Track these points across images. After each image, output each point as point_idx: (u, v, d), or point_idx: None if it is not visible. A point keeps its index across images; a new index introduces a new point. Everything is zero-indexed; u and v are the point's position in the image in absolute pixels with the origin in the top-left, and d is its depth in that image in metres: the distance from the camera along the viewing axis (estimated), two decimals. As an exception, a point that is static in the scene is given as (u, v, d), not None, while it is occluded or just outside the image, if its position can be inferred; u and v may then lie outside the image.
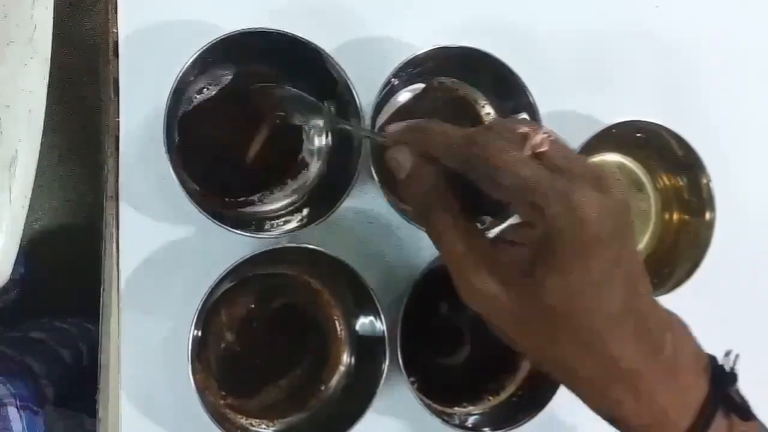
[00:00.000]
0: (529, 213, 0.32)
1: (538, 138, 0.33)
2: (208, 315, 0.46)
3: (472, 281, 0.33)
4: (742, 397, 0.34)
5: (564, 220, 0.30)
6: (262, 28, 0.44)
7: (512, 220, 0.42)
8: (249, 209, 0.49)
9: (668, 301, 0.50)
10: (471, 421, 0.50)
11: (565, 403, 0.49)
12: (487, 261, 0.33)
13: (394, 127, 0.39)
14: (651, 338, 0.33)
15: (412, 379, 0.46)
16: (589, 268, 0.31)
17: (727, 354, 0.35)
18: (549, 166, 0.32)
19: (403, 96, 0.52)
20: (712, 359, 0.35)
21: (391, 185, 0.49)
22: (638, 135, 0.53)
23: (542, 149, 0.32)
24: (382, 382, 0.46)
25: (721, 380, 0.34)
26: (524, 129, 0.33)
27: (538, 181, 0.31)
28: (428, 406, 0.47)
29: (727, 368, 0.34)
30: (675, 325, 0.34)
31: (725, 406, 0.33)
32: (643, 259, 0.35)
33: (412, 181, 0.37)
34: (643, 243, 0.56)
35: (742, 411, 0.33)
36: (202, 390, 0.43)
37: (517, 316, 0.33)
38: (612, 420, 0.34)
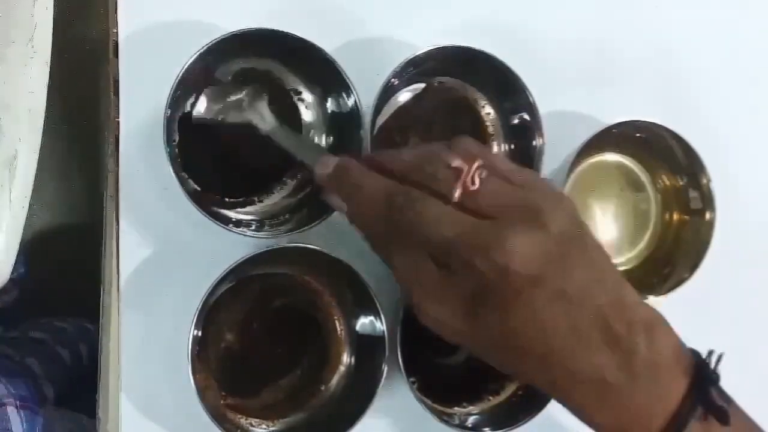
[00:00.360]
0: (458, 266, 0.33)
1: (472, 171, 0.33)
2: (208, 315, 0.46)
3: (426, 310, 0.35)
4: (727, 399, 0.34)
5: (489, 273, 0.31)
6: (262, 28, 0.44)
7: None
8: (249, 209, 0.49)
9: (668, 301, 0.50)
10: (471, 421, 0.50)
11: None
12: (436, 292, 0.34)
13: (319, 169, 0.39)
14: (619, 344, 0.32)
15: (412, 379, 0.46)
16: (525, 308, 0.32)
17: (710, 354, 0.34)
18: (479, 206, 0.32)
19: (403, 96, 0.52)
20: (696, 356, 0.34)
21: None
22: (638, 135, 0.53)
23: (473, 188, 0.33)
24: (382, 382, 0.46)
25: (701, 381, 0.33)
26: (456, 162, 0.33)
27: (460, 239, 0.32)
28: (428, 406, 0.47)
29: (711, 367, 0.34)
30: (651, 324, 0.34)
31: (705, 409, 0.33)
32: (610, 266, 0.35)
33: (354, 221, 0.37)
34: (643, 243, 0.56)
35: (722, 414, 0.32)
36: (202, 390, 0.43)
37: (473, 341, 0.34)
38: (589, 425, 0.34)
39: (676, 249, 0.54)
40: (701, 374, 0.33)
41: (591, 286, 0.33)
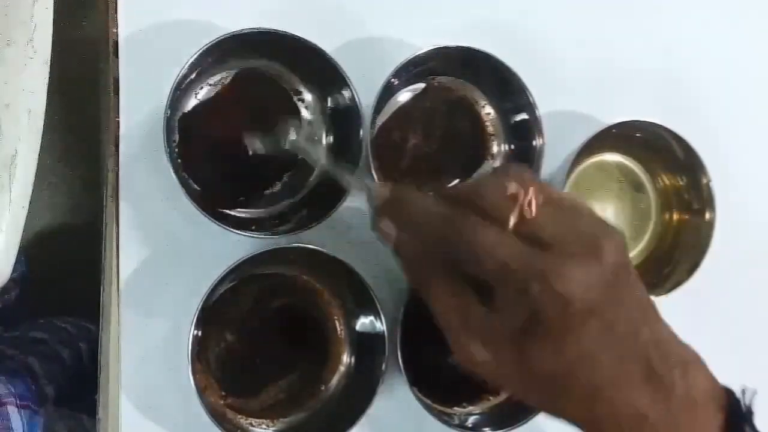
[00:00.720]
0: (512, 294, 0.32)
1: (528, 197, 0.32)
2: (208, 315, 0.46)
3: (467, 349, 0.34)
4: None
5: (545, 301, 0.31)
6: (262, 28, 0.44)
7: None
8: (249, 209, 0.49)
9: (668, 301, 0.50)
10: (471, 421, 0.50)
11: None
12: (480, 331, 0.34)
13: (378, 191, 0.38)
14: (659, 382, 0.32)
15: (412, 379, 0.46)
16: (576, 341, 0.31)
17: (744, 391, 0.34)
18: (534, 237, 0.32)
19: (403, 96, 0.52)
20: (729, 393, 0.34)
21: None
22: (638, 135, 0.53)
23: (530, 216, 0.32)
24: (382, 382, 0.46)
25: (735, 418, 0.33)
26: (512, 188, 0.33)
27: (517, 264, 0.31)
28: (428, 406, 0.47)
29: (743, 405, 0.34)
30: (687, 361, 0.34)
31: None
32: (650, 302, 0.35)
33: (400, 251, 0.37)
34: (643, 243, 0.56)
35: None
36: (202, 390, 0.44)
37: (512, 381, 0.34)
38: None
39: (676, 249, 0.54)
40: (735, 411, 0.33)
41: (636, 319, 0.33)
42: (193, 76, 0.46)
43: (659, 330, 0.34)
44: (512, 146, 0.53)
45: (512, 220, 0.32)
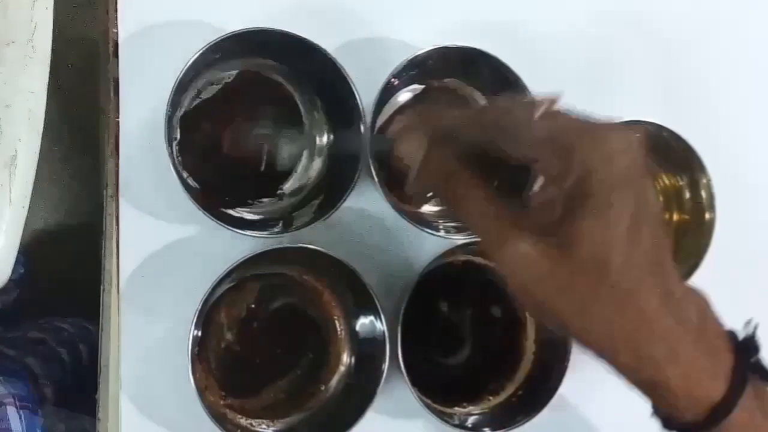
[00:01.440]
0: (557, 163, 0.32)
1: (547, 102, 0.33)
2: (208, 315, 0.46)
3: (508, 246, 0.32)
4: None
5: (595, 158, 0.31)
6: (262, 27, 0.44)
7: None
8: (249, 209, 0.49)
9: (668, 301, 0.50)
10: (471, 421, 0.50)
11: (564, 403, 0.49)
12: (520, 223, 0.33)
13: (399, 120, 0.39)
14: (678, 303, 0.32)
15: (412, 379, 0.46)
16: (622, 209, 0.31)
17: (747, 323, 0.34)
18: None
19: (403, 96, 0.52)
20: (732, 333, 0.34)
21: (391, 185, 0.49)
22: (638, 135, 0.53)
23: (554, 108, 0.33)
24: (382, 382, 0.46)
25: (746, 349, 0.33)
26: (531, 98, 0.33)
27: (563, 126, 0.32)
28: (428, 406, 0.47)
29: (753, 342, 0.34)
30: (698, 296, 0.34)
31: (754, 373, 0.33)
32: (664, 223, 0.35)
33: (430, 166, 0.36)
34: (643, 243, 0.56)
35: None
36: (202, 390, 0.44)
37: (552, 277, 0.32)
38: (651, 386, 0.33)
39: (676, 249, 0.54)
40: (746, 343, 0.34)
41: (660, 219, 0.33)
42: (193, 75, 0.46)
43: (671, 256, 0.33)
44: (512, 146, 0.53)
45: (540, 111, 0.33)
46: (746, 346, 0.33)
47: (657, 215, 0.32)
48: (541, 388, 0.49)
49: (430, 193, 0.40)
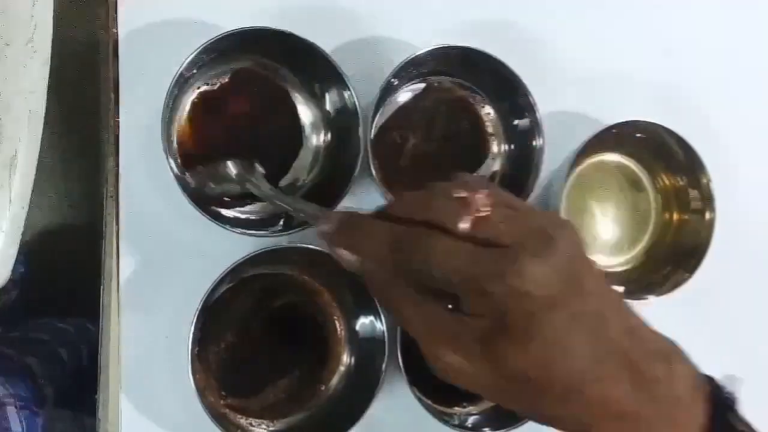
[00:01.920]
0: (474, 299, 0.32)
1: (479, 201, 0.33)
2: (208, 315, 0.46)
3: (440, 357, 0.34)
4: (745, 424, 0.33)
5: (506, 299, 0.31)
6: (260, 27, 0.44)
7: None
8: (249, 209, 0.49)
9: (668, 301, 0.50)
10: (471, 421, 0.50)
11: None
12: (451, 339, 0.34)
13: (323, 227, 0.38)
14: (640, 375, 0.32)
15: (412, 379, 0.46)
16: (543, 335, 0.31)
17: (730, 379, 0.34)
18: (488, 238, 0.32)
19: (403, 96, 0.52)
20: (712, 384, 0.34)
21: (390, 184, 0.49)
22: (638, 135, 0.53)
23: (482, 213, 0.32)
24: (382, 382, 0.46)
25: (720, 407, 0.33)
26: (461, 194, 0.33)
27: (473, 269, 0.31)
28: (428, 406, 0.47)
29: (728, 393, 0.34)
30: (668, 352, 0.34)
31: None
32: (617, 296, 0.34)
33: (364, 277, 0.37)
34: (643, 243, 0.56)
35: None
36: (202, 390, 0.43)
37: (488, 384, 0.33)
38: None
39: (676, 249, 0.54)
40: (720, 401, 0.33)
41: (604, 310, 0.33)
42: (192, 74, 0.46)
43: (632, 321, 0.33)
44: (512, 146, 0.53)
45: (462, 225, 0.32)
46: (721, 407, 0.33)
47: (597, 307, 0.32)
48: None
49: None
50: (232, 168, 0.46)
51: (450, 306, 0.34)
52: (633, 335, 0.33)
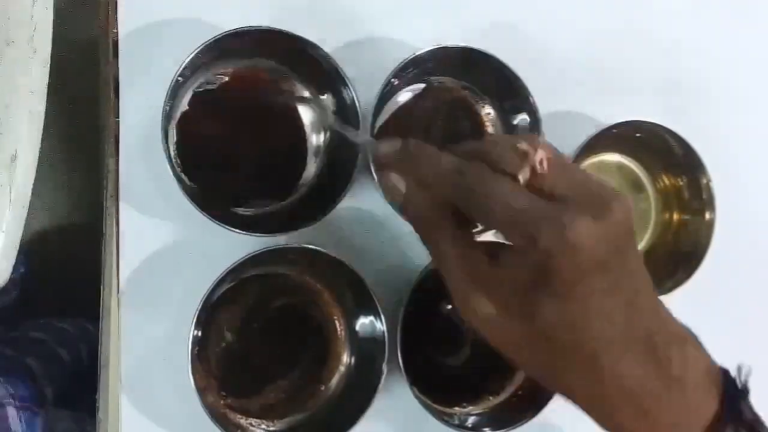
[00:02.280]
0: (521, 243, 0.32)
1: (538, 157, 0.32)
2: (208, 315, 0.46)
3: (471, 303, 0.33)
4: (754, 414, 0.33)
5: (557, 250, 0.30)
6: (260, 26, 0.44)
7: None
8: (249, 209, 0.49)
9: (668, 301, 0.50)
10: (471, 421, 0.50)
11: (565, 403, 0.49)
12: (486, 283, 0.33)
13: (385, 147, 0.38)
14: (657, 356, 0.32)
15: (412, 379, 0.46)
16: (586, 295, 0.31)
17: (740, 369, 0.34)
18: (546, 190, 0.32)
19: (403, 96, 0.52)
20: (725, 373, 0.34)
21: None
22: (638, 135, 0.53)
23: (541, 170, 0.32)
24: (382, 382, 0.46)
25: (731, 395, 0.33)
26: (523, 146, 0.33)
27: (529, 212, 0.31)
28: (428, 406, 0.47)
29: (739, 383, 0.34)
30: (685, 337, 0.34)
31: (735, 424, 0.32)
32: (648, 275, 0.34)
33: (409, 206, 0.36)
34: (643, 243, 0.56)
35: (753, 428, 0.32)
36: (202, 390, 0.43)
37: (514, 338, 0.33)
38: None
39: (676, 249, 0.54)
40: (731, 390, 0.33)
41: (639, 287, 0.33)
42: (191, 74, 0.46)
43: (658, 302, 0.34)
44: (512, 146, 0.52)
45: (523, 175, 0.32)
46: (731, 395, 0.33)
47: (635, 283, 0.32)
48: (541, 388, 0.49)
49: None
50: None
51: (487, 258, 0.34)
52: (658, 316, 0.33)
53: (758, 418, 0.33)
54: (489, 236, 0.40)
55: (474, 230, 0.37)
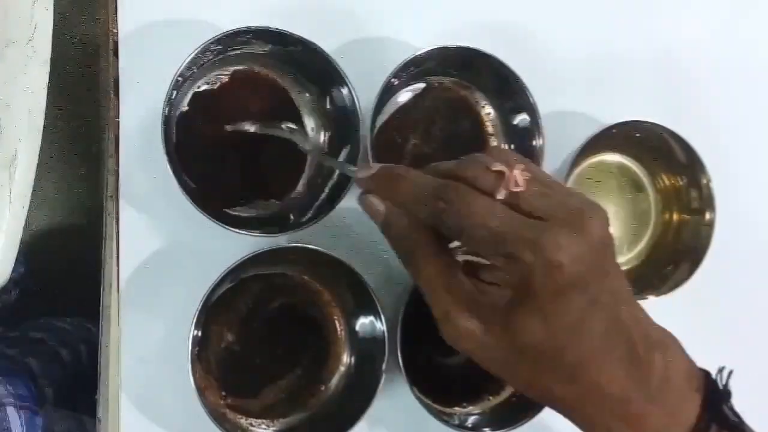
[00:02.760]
0: (502, 262, 0.32)
1: (514, 175, 0.33)
2: (208, 315, 0.46)
3: (454, 323, 0.34)
4: (737, 415, 0.34)
5: (536, 268, 0.31)
6: (260, 26, 0.44)
7: None
8: (249, 209, 0.49)
9: (668, 301, 0.50)
10: (471, 421, 0.50)
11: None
12: (468, 302, 0.34)
13: (363, 173, 0.38)
14: (639, 362, 0.33)
15: (412, 379, 0.46)
16: (565, 311, 0.32)
17: (721, 370, 0.35)
18: (524, 208, 0.32)
19: (403, 96, 0.52)
20: (707, 375, 0.35)
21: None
22: (638, 135, 0.53)
23: (517, 189, 0.33)
24: (382, 382, 0.46)
25: (713, 398, 0.34)
26: (498, 167, 0.33)
27: (509, 232, 0.32)
28: (428, 406, 0.47)
29: (720, 385, 0.34)
30: (666, 343, 0.34)
31: (718, 425, 0.33)
32: (628, 284, 0.35)
33: (389, 227, 0.37)
34: (643, 243, 0.56)
35: (736, 430, 0.33)
36: (202, 390, 0.43)
37: (498, 355, 0.34)
38: None
39: (676, 249, 0.54)
40: (714, 392, 0.34)
41: (618, 297, 0.33)
42: (192, 74, 0.46)
43: (638, 310, 0.34)
44: (512, 146, 0.53)
45: (500, 194, 0.33)
46: (713, 398, 0.34)
47: (615, 294, 0.33)
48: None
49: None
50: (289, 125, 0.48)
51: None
52: (638, 323, 0.34)
53: (741, 420, 0.34)
54: (468, 255, 0.40)
55: (454, 247, 0.38)
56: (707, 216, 0.52)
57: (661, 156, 0.54)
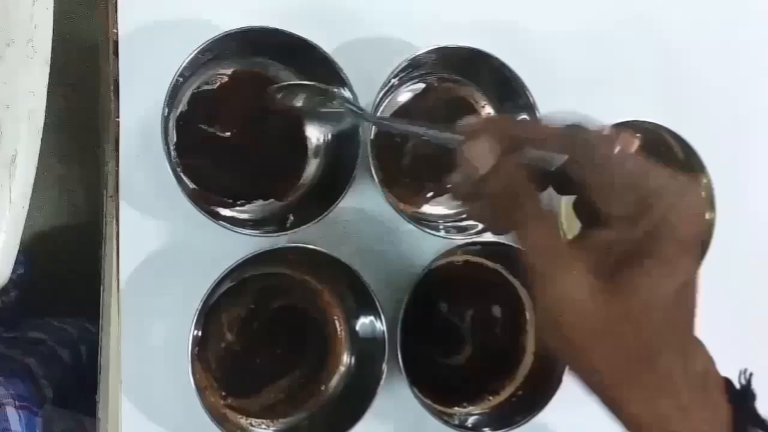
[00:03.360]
0: (629, 210, 0.31)
1: (624, 139, 0.32)
2: (208, 315, 0.46)
3: (561, 282, 0.31)
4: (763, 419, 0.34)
5: (674, 219, 0.30)
6: (260, 26, 0.44)
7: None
8: (248, 209, 0.49)
9: (668, 301, 0.50)
10: (471, 421, 0.50)
11: (564, 403, 0.49)
12: (577, 260, 0.31)
13: (469, 119, 0.36)
14: (692, 360, 0.32)
15: (412, 379, 0.46)
16: (682, 272, 0.30)
17: (743, 373, 0.34)
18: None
19: (403, 96, 0.52)
20: (727, 380, 0.34)
21: (390, 184, 0.49)
22: (638, 135, 0.53)
23: (631, 150, 0.32)
24: (382, 382, 0.46)
25: (743, 398, 0.33)
26: (609, 131, 0.32)
27: (646, 174, 0.30)
28: (428, 406, 0.47)
29: (738, 385, 0.34)
30: (704, 349, 0.34)
31: (751, 423, 0.33)
32: None
33: (497, 175, 0.34)
34: (643, 243, 0.56)
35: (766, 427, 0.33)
36: (202, 390, 0.44)
37: (594, 318, 0.31)
38: None
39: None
40: (742, 392, 0.33)
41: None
42: (191, 74, 0.46)
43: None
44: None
45: (617, 149, 0.32)
46: (743, 396, 0.33)
47: (698, 278, 0.32)
48: (541, 388, 0.49)
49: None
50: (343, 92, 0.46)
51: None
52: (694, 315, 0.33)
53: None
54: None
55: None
56: (707, 216, 0.52)
57: (661, 156, 0.54)
